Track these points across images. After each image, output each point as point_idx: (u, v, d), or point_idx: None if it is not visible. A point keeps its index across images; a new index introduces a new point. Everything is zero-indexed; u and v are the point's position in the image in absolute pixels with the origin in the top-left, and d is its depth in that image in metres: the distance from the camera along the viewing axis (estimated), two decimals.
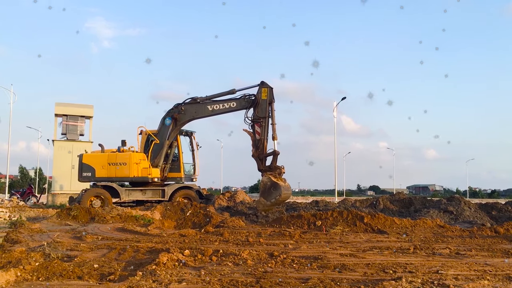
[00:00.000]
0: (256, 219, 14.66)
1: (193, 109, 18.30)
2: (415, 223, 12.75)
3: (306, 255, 7.80)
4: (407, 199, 19.66)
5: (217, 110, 18.09)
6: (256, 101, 17.48)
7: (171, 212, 15.10)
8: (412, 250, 8.64)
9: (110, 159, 18.86)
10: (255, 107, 17.51)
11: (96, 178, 18.84)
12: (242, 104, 17.82)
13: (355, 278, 5.91)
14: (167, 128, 18.60)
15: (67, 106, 27.22)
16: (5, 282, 5.17)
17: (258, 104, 17.43)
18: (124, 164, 18.64)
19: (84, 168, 18.85)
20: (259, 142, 17.29)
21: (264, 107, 17.42)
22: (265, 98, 17.46)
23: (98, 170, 18.75)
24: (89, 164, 18.87)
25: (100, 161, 18.93)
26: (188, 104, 18.36)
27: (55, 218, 13.81)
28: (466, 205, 16.95)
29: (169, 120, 18.53)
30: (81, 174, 18.87)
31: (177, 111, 18.37)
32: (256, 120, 17.43)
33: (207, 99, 18.20)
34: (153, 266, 6.28)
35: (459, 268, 6.76)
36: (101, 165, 18.80)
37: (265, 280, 5.64)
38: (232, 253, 7.63)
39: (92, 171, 18.77)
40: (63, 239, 9.60)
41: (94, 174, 18.76)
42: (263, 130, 17.32)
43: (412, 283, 5.49)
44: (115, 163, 18.77)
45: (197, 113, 18.35)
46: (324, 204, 20.08)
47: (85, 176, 18.88)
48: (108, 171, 18.73)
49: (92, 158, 19.06)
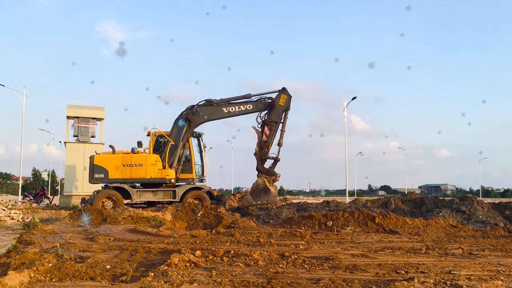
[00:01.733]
0: (267, 220, 14.67)
1: (208, 111, 18.58)
2: (427, 223, 12.66)
3: (317, 255, 7.79)
4: (419, 199, 19.54)
5: (232, 112, 18.43)
6: (272, 105, 17.92)
7: (182, 213, 15.15)
8: (424, 250, 8.58)
9: (124, 160, 18.79)
10: (270, 110, 17.94)
11: (110, 179, 18.74)
12: (259, 106, 18.20)
13: (367, 279, 5.88)
14: (181, 129, 18.77)
15: (79, 109, 27.46)
16: (19, 283, 5.23)
17: (274, 108, 17.85)
18: (140, 166, 18.74)
19: (96, 169, 18.72)
20: (264, 144, 17.80)
21: (279, 112, 17.88)
22: (282, 104, 17.88)
23: (112, 171, 18.68)
24: (102, 166, 18.76)
25: (113, 162, 18.84)
26: (202, 106, 18.61)
27: (68, 219, 13.93)
28: (479, 205, 16.79)
29: (183, 121, 18.71)
30: (93, 175, 18.75)
31: (191, 113, 18.60)
32: (267, 122, 17.84)
33: (222, 102, 18.47)
34: (165, 267, 6.31)
35: (472, 268, 6.70)
36: (115, 167, 18.73)
37: (276, 281, 5.64)
38: (243, 253, 7.64)
39: (105, 173, 18.67)
40: (76, 241, 9.68)
41: (107, 176, 18.66)
42: (272, 133, 17.84)
43: (424, 284, 5.46)
44: (130, 165, 18.74)
45: (211, 115, 18.65)
46: (335, 204, 20.01)
47: (97, 177, 18.74)
48: (123, 173, 18.69)
49: (104, 160, 18.97)
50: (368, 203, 20.19)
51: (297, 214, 14.35)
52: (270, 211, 16.20)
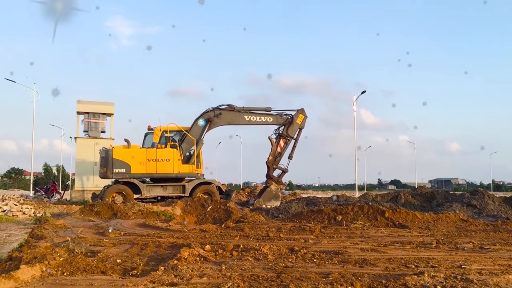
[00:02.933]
0: (277, 214, 14.68)
1: (230, 116, 19.86)
2: (438, 217, 12.59)
3: (327, 250, 7.78)
4: (429, 193, 19.40)
5: (253, 121, 20.09)
6: (291, 121, 20.13)
7: (191, 208, 15.20)
8: (434, 244, 8.53)
9: (149, 155, 18.69)
10: (288, 126, 20.13)
11: (132, 174, 18.52)
12: (278, 120, 20.26)
13: (377, 273, 5.87)
14: (200, 128, 19.53)
15: (89, 104, 27.57)
16: (31, 277, 5.29)
17: (291, 125, 20.13)
18: (167, 160, 18.81)
19: (116, 164, 18.31)
20: (278, 155, 20.12)
21: (296, 129, 20.25)
22: (299, 123, 20.27)
23: (135, 166, 18.47)
24: (123, 160, 18.43)
25: (136, 156, 18.64)
26: (226, 111, 19.73)
27: (79, 214, 14.05)
28: (490, 199, 16.65)
29: (204, 121, 19.53)
30: (112, 170, 18.27)
31: (213, 115, 19.53)
32: (284, 136, 20.12)
33: (243, 110, 20.04)
34: (175, 261, 6.34)
35: (483, 262, 6.66)
36: (139, 161, 18.56)
37: (286, 275, 5.64)
38: (253, 248, 7.65)
39: (126, 167, 18.39)
40: (87, 235, 9.76)
41: (129, 170, 18.42)
42: (286, 146, 20.19)
43: (434, 278, 5.43)
44: (156, 159, 18.67)
45: (233, 120, 20.04)
46: (345, 198, 19.96)
47: (118, 172, 18.37)
48: (148, 167, 18.60)
49: (126, 154, 18.62)
50: (377, 197, 20.09)
51: (306, 209, 14.34)
52: (279, 206, 16.24)
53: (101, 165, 18.98)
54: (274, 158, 20.11)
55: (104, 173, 18.61)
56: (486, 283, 5.18)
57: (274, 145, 20.14)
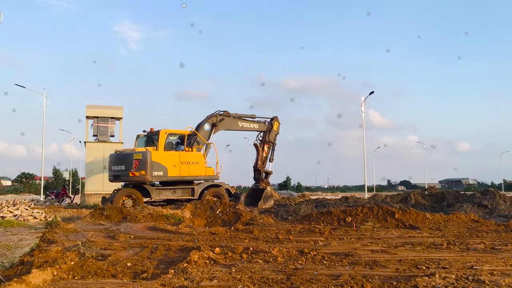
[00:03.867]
0: (286, 216, 14.67)
1: (228, 122, 21.23)
2: (448, 218, 12.51)
3: (337, 251, 7.76)
4: (439, 193, 19.30)
5: (244, 128, 22.09)
6: (270, 128, 22.82)
7: (201, 211, 15.24)
8: (445, 245, 8.48)
9: (182, 158, 18.96)
10: (268, 132, 22.70)
11: (169, 177, 18.70)
12: (262, 127, 22.66)
13: (387, 275, 5.84)
14: (207, 132, 20.38)
15: (98, 108, 27.75)
16: (42, 281, 5.33)
17: (271, 131, 22.80)
18: (197, 163, 19.32)
19: (154, 166, 18.21)
20: (265, 159, 22.81)
21: (274, 135, 23.04)
22: (276, 129, 23.06)
23: (170, 168, 18.59)
24: (160, 163, 18.43)
25: (171, 159, 18.77)
26: (226, 116, 21.06)
27: (89, 218, 14.12)
28: (501, 199, 16.53)
29: (208, 126, 20.44)
30: (152, 173, 18.10)
31: (216, 120, 20.68)
32: (267, 141, 22.70)
33: (236, 116, 21.76)
34: (185, 264, 6.36)
35: (494, 263, 6.60)
36: (173, 164, 18.70)
37: (296, 277, 5.63)
38: (262, 250, 7.65)
39: (164, 170, 18.44)
40: (97, 239, 9.81)
41: (166, 173, 18.52)
42: (269, 151, 22.93)
43: (446, 279, 5.39)
44: (187, 162, 19.00)
45: (230, 126, 21.46)
46: (354, 200, 19.90)
47: (156, 175, 18.32)
48: (181, 170, 18.83)
49: (163, 156, 18.66)
50: (387, 198, 20.02)
51: (315, 210, 14.33)
52: (289, 208, 16.23)
53: (135, 168, 18.16)
54: (262, 163, 22.66)
55: (142, 176, 18.07)
56: (498, 284, 5.13)
57: (261, 151, 22.59)
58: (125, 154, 18.94)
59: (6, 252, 8.43)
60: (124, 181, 19.26)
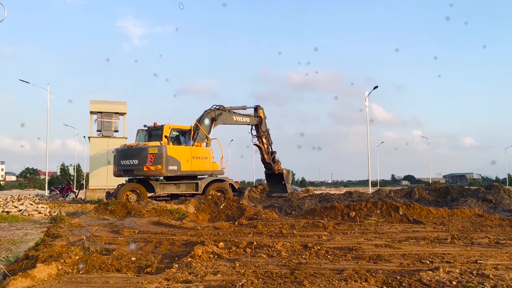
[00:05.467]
0: (290, 211, 14.68)
1: (225, 117, 21.32)
2: (452, 212, 12.48)
3: (341, 246, 7.75)
4: (443, 188, 19.25)
5: (238, 122, 22.33)
6: (260, 120, 22.99)
7: (205, 206, 15.26)
8: (449, 240, 8.46)
9: (194, 152, 18.97)
10: (260, 124, 22.96)
11: (182, 171, 18.66)
12: (252, 121, 22.82)
13: (391, 269, 5.83)
14: (207, 127, 20.32)
15: (101, 104, 27.77)
16: (47, 275, 5.35)
17: (262, 122, 23.06)
18: (205, 158, 19.39)
19: (170, 161, 18.12)
20: (268, 149, 23.36)
21: (265, 122, 23.32)
22: (264, 117, 23.17)
23: (184, 163, 18.60)
24: (175, 157, 18.37)
25: (184, 154, 18.78)
26: (223, 111, 21.14)
27: (93, 213, 14.16)
28: (506, 193, 16.47)
29: (208, 120, 20.38)
30: (167, 167, 17.98)
31: (214, 114, 20.67)
32: (263, 134, 23.13)
33: (230, 109, 21.95)
34: (189, 259, 6.37)
35: (499, 257, 6.58)
36: (186, 159, 18.71)
37: (300, 272, 5.64)
38: (266, 245, 7.66)
39: (178, 165, 18.39)
40: (101, 233, 9.84)
41: (180, 168, 18.47)
42: (268, 140, 23.46)
43: (450, 274, 5.38)
44: (198, 157, 19.06)
45: (227, 120, 21.59)
46: (358, 195, 19.88)
47: (172, 169, 18.23)
48: (193, 165, 18.88)
49: (177, 151, 18.62)
50: (391, 193, 19.98)
51: (319, 205, 14.31)
52: (293, 202, 16.23)
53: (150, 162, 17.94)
54: (268, 155, 23.46)
55: (158, 170, 17.90)
56: (502, 278, 5.12)
57: (262, 146, 23.21)
58: (138, 148, 18.59)
59: (11, 246, 8.48)
60: (138, 176, 18.75)
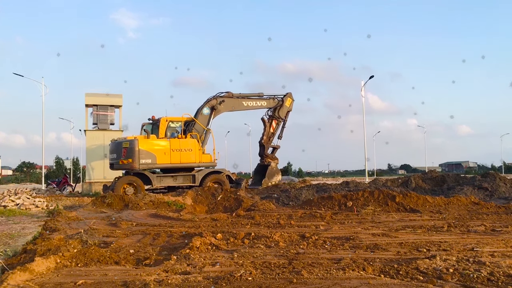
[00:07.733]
0: (287, 202, 14.71)
1: (231, 103, 20.89)
2: (449, 201, 12.55)
3: (338, 235, 7.79)
4: (439, 177, 19.34)
5: (250, 106, 21.72)
6: (281, 104, 22.40)
7: (202, 197, 15.27)
8: (446, 228, 8.52)
9: (173, 145, 18.61)
10: (279, 108, 22.35)
11: (158, 165, 18.47)
12: (271, 104, 22.35)
13: (388, 258, 5.87)
14: (206, 117, 20.15)
15: (97, 96, 27.60)
16: (45, 268, 5.36)
17: (282, 107, 22.43)
18: (190, 150, 18.95)
19: (142, 154, 17.96)
20: (272, 135, 22.51)
21: (285, 111, 22.64)
22: (288, 105, 22.65)
23: (160, 156, 18.34)
24: (148, 151, 18.17)
25: (161, 147, 18.50)
26: (228, 98, 20.68)
27: (91, 206, 14.15)
28: (502, 181, 16.56)
29: (208, 110, 20.15)
30: (139, 161, 17.89)
31: (216, 103, 20.29)
32: (276, 117, 22.43)
33: (240, 96, 21.39)
34: (187, 250, 6.39)
35: (495, 245, 6.63)
36: (163, 151, 18.45)
37: (298, 262, 5.66)
38: (264, 235, 7.68)
39: (152, 158, 18.18)
40: (99, 226, 9.85)
41: (155, 161, 18.26)
42: (278, 127, 22.65)
43: (446, 261, 5.42)
44: (179, 149, 18.64)
45: (234, 107, 21.12)
46: (355, 184, 19.95)
47: (144, 163, 18.05)
48: (172, 158, 18.56)
49: (151, 144, 18.41)
50: (388, 182, 20.06)
51: (316, 196, 14.36)
52: (290, 193, 16.27)
53: (123, 156, 18.22)
54: (268, 138, 22.43)
55: (129, 164, 18.05)
56: (498, 265, 5.16)
57: (268, 126, 22.39)
58: (117, 142, 19.05)
59: (9, 240, 8.47)
60: (117, 169, 19.39)
